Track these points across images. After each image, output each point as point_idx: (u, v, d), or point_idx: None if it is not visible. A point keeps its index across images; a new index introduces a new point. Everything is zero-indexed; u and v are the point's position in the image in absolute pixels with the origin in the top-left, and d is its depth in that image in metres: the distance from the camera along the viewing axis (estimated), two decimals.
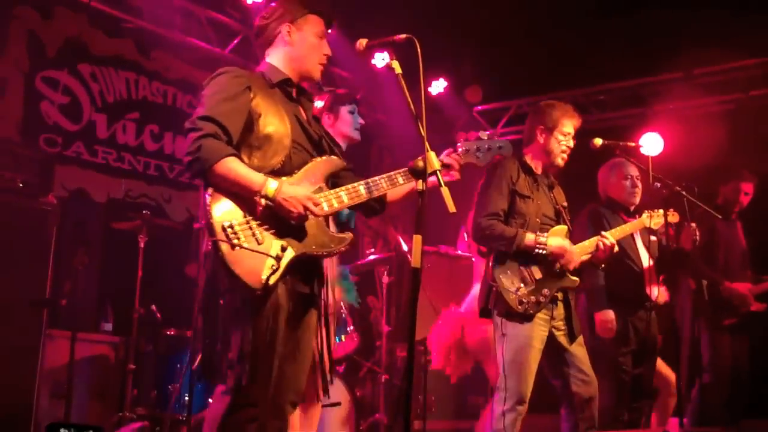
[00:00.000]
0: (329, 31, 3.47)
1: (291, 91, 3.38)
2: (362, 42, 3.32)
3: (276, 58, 3.38)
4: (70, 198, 6.83)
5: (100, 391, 6.08)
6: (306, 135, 3.31)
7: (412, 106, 3.10)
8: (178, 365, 5.92)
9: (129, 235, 5.99)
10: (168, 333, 6.11)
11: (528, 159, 4.62)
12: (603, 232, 4.58)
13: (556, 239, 4.37)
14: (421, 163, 3.06)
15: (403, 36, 3.20)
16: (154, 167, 7.60)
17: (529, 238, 4.34)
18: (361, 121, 4.57)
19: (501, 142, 3.56)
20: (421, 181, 3.03)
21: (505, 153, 3.58)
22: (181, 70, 7.91)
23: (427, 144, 3.07)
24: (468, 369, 5.77)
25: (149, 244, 5.95)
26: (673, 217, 5.04)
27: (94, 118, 7.20)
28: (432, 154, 3.10)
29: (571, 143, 4.60)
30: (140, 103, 7.59)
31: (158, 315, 6.16)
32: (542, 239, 4.34)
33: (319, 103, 4.48)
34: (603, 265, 4.71)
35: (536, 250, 4.33)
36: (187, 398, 5.51)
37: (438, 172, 3.08)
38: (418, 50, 3.11)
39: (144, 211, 6.01)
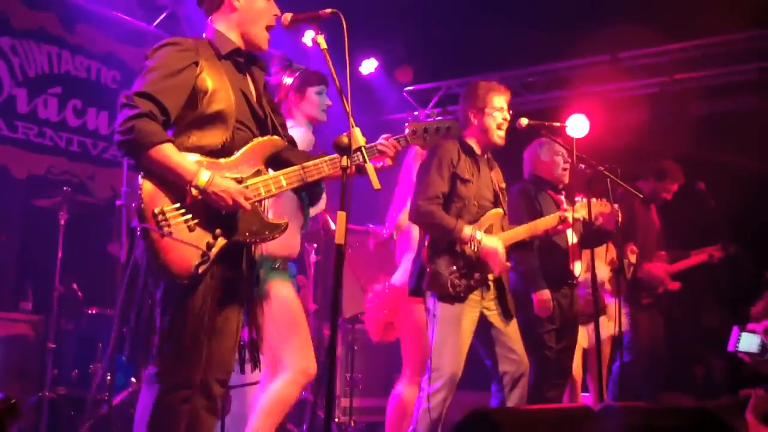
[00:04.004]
0: None
1: (240, 62, 3.29)
2: (287, 16, 3.27)
3: (223, 24, 3.27)
4: None
5: (20, 370, 5.95)
6: (251, 112, 3.23)
7: (337, 82, 3.08)
8: (100, 344, 5.84)
9: (50, 212, 5.86)
10: (90, 312, 6.01)
11: (469, 141, 4.65)
12: (565, 212, 4.85)
13: (490, 240, 4.43)
14: (345, 139, 3.04)
15: (329, 11, 3.16)
16: (77, 143, 7.43)
17: (466, 232, 4.39)
18: (329, 102, 4.49)
19: (449, 122, 3.49)
20: (345, 157, 3.02)
21: (453, 133, 3.55)
22: (106, 45, 7.72)
23: (352, 120, 3.05)
24: (392, 338, 5.78)
25: (71, 221, 5.83)
26: (605, 207, 5.13)
27: (14, 93, 6.99)
28: (357, 130, 3.07)
29: (507, 116, 4.64)
30: (63, 77, 7.39)
31: (80, 293, 6.05)
32: (478, 236, 4.39)
33: (288, 80, 4.41)
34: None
35: (469, 244, 4.38)
36: (108, 377, 5.44)
37: (363, 148, 3.06)
38: (344, 25, 3.08)
39: (65, 188, 5.88)
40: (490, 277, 4.50)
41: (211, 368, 3.11)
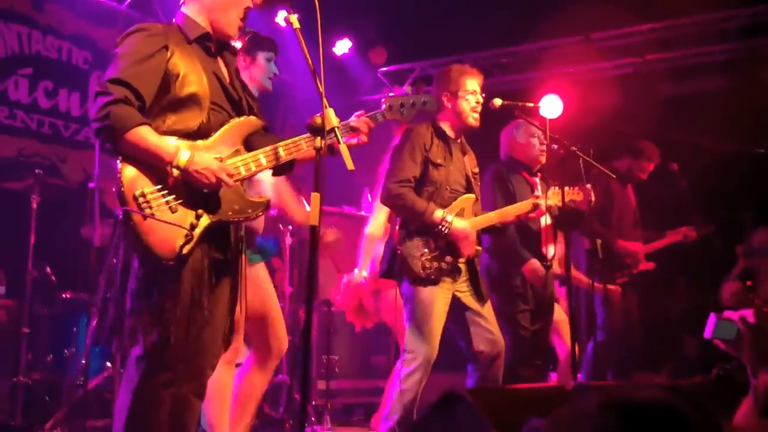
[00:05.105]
0: None
1: (210, 47, 3.26)
2: None
3: (192, 9, 3.24)
4: None
5: None
6: (225, 94, 3.22)
7: (310, 62, 3.07)
8: (75, 328, 5.80)
9: (21, 195, 5.80)
10: (64, 296, 5.96)
11: (442, 125, 4.65)
12: (537, 200, 4.86)
13: (461, 223, 4.45)
14: (319, 120, 3.03)
15: None
16: (48, 125, 7.34)
17: (437, 215, 4.40)
18: (276, 71, 4.46)
19: (425, 96, 3.54)
20: (319, 138, 3.01)
21: (430, 108, 3.57)
22: (77, 25, 7.62)
23: (325, 100, 3.04)
24: (370, 325, 5.81)
25: (43, 204, 5.77)
26: (577, 196, 5.16)
27: None
28: (331, 111, 3.07)
29: (480, 99, 4.65)
30: (33, 58, 7.29)
31: (53, 277, 6.00)
32: (448, 218, 4.40)
33: (237, 44, 4.37)
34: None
35: (440, 227, 4.39)
36: (84, 362, 5.41)
37: (337, 128, 3.05)
38: (317, 5, 3.07)
39: (37, 171, 5.82)
40: (462, 260, 4.52)
41: (202, 352, 3.10)
